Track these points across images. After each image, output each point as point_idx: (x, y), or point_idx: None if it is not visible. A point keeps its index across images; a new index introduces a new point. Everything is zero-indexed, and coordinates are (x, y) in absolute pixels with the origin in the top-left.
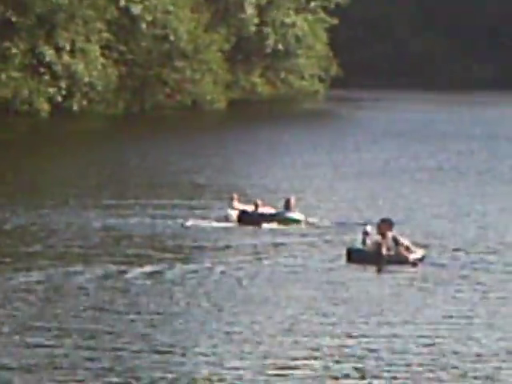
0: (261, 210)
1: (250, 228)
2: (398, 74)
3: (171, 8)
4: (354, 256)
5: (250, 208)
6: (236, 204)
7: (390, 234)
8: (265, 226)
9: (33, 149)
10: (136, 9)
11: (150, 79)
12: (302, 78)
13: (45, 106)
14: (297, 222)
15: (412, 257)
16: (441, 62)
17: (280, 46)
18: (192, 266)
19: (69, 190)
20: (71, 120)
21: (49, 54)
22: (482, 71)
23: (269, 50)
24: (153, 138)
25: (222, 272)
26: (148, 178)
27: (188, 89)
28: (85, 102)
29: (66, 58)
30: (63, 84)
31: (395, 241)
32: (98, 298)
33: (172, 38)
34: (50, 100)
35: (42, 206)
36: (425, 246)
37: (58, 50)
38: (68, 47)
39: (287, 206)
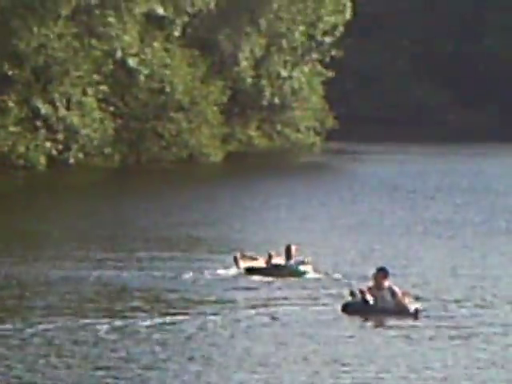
0: (274, 261)
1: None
2: (395, 126)
3: (168, 61)
4: (349, 309)
5: (257, 262)
6: (241, 264)
7: (386, 284)
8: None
9: (29, 202)
10: (132, 62)
11: (146, 132)
12: (298, 130)
13: (41, 160)
14: (304, 274)
15: (413, 307)
16: (439, 113)
17: (276, 99)
18: (187, 318)
19: (64, 243)
20: (67, 173)
21: (44, 107)
22: (480, 122)
23: (265, 103)
24: (148, 192)
25: (217, 324)
26: (143, 231)
27: (184, 141)
28: (81, 155)
29: (61, 110)
30: (60, 137)
31: (391, 291)
32: (92, 352)
33: (168, 89)
34: (47, 153)
35: (37, 259)
36: (420, 299)
37: (54, 103)
38: (64, 100)
39: (288, 254)
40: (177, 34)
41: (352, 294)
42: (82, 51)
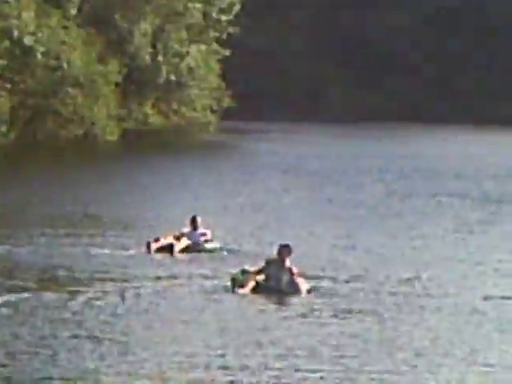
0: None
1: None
2: (291, 105)
3: (64, 39)
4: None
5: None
6: (153, 247)
7: (288, 262)
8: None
9: None
10: (29, 40)
11: (43, 109)
12: (194, 109)
13: None
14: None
15: (305, 288)
16: (334, 92)
17: (172, 77)
18: (76, 295)
19: None
20: None
21: None
22: (373, 101)
23: (161, 81)
24: (43, 168)
25: (107, 301)
26: (36, 208)
27: (80, 119)
28: None
29: None
30: None
31: (290, 270)
32: None
33: (65, 66)
34: None
35: None
36: (312, 277)
37: None
38: None
39: (194, 225)
40: (73, 12)
41: (233, 280)
42: None
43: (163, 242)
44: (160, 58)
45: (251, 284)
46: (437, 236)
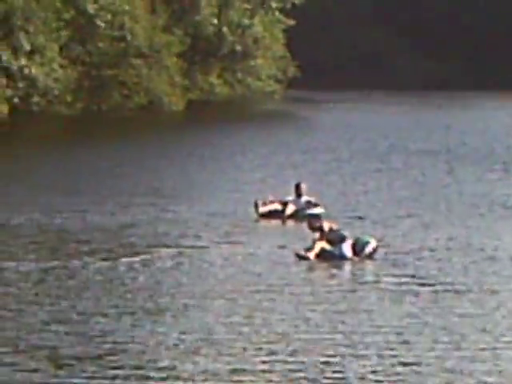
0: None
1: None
2: (356, 74)
3: (127, 8)
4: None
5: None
6: (260, 209)
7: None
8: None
9: None
10: (92, 8)
11: (107, 80)
12: (259, 78)
13: (3, 108)
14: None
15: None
16: (400, 60)
17: (237, 47)
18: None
19: (26, 189)
20: (30, 121)
21: (5, 55)
22: (442, 71)
23: (226, 51)
24: (108, 140)
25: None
26: (104, 178)
27: (145, 89)
28: (43, 103)
29: (23, 59)
30: (21, 85)
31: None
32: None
33: (128, 37)
34: (9, 101)
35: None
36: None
37: (15, 51)
38: (26, 48)
39: (298, 192)
40: None
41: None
42: None
43: (271, 206)
44: (224, 28)
45: (317, 249)
46: None
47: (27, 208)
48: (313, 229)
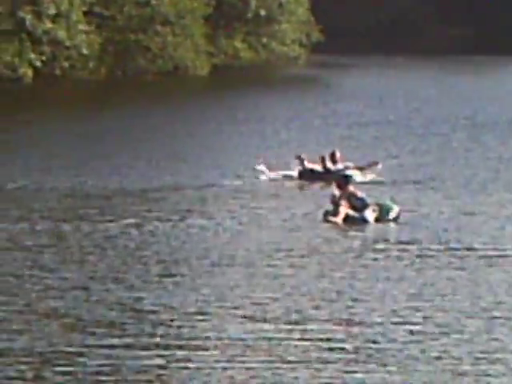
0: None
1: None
2: (381, 39)
3: None
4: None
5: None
6: (306, 164)
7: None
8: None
9: (13, 114)
10: None
11: (132, 45)
12: (284, 43)
13: (28, 72)
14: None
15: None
16: (425, 25)
17: (262, 12)
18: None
19: (52, 154)
20: (54, 85)
21: (29, 18)
22: (464, 36)
23: (250, 16)
24: (132, 105)
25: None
26: (130, 142)
27: (169, 54)
28: (67, 68)
29: (47, 22)
30: (45, 49)
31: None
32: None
33: (153, 2)
34: (33, 65)
35: (25, 167)
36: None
37: (40, 15)
38: (49, 12)
39: (333, 159)
40: None
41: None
42: None
43: (315, 166)
44: None
45: (342, 214)
46: None
47: (45, 172)
48: (340, 188)
